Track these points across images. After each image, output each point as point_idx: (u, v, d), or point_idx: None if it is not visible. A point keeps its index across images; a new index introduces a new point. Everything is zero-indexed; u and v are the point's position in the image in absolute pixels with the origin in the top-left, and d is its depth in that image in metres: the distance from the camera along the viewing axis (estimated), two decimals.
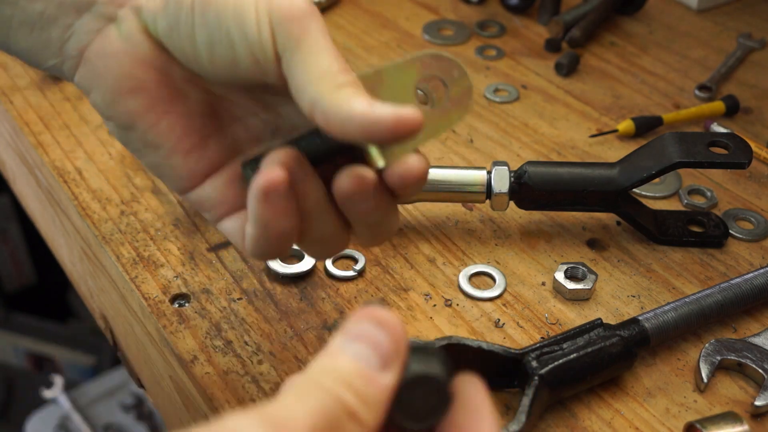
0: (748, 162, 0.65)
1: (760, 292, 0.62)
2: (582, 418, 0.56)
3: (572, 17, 0.97)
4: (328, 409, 0.33)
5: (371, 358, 0.35)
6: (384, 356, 0.35)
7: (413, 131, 0.43)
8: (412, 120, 0.43)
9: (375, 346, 0.35)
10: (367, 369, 0.34)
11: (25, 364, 1.79)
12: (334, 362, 0.34)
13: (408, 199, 0.48)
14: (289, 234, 0.47)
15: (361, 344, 0.35)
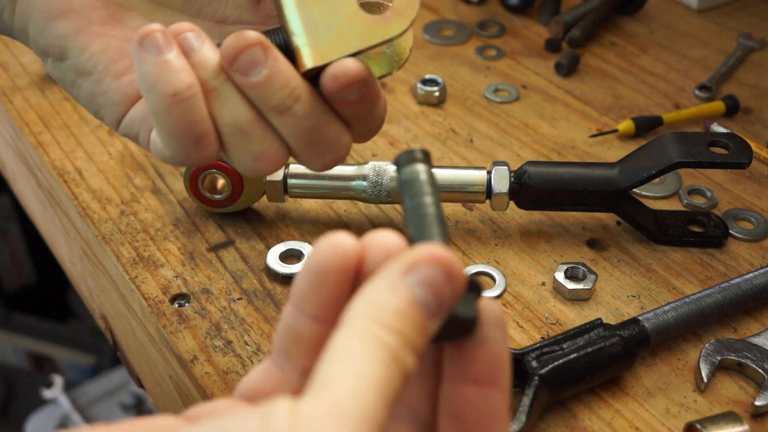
0: (748, 162, 0.65)
1: (760, 292, 0.62)
2: (582, 418, 0.56)
3: (572, 17, 0.97)
4: (392, 384, 0.31)
5: (433, 308, 0.32)
6: (441, 308, 0.33)
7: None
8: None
9: (440, 298, 0.33)
10: (427, 319, 0.32)
11: (25, 364, 1.79)
12: (399, 306, 0.32)
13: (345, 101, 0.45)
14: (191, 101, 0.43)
15: (429, 291, 0.32)
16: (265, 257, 0.66)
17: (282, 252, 0.66)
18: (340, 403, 0.29)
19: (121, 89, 0.48)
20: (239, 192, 0.68)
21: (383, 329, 0.31)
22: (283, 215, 0.71)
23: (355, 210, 0.72)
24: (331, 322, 0.35)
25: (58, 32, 0.48)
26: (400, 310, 0.32)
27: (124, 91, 0.48)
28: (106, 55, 0.48)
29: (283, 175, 0.68)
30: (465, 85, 0.89)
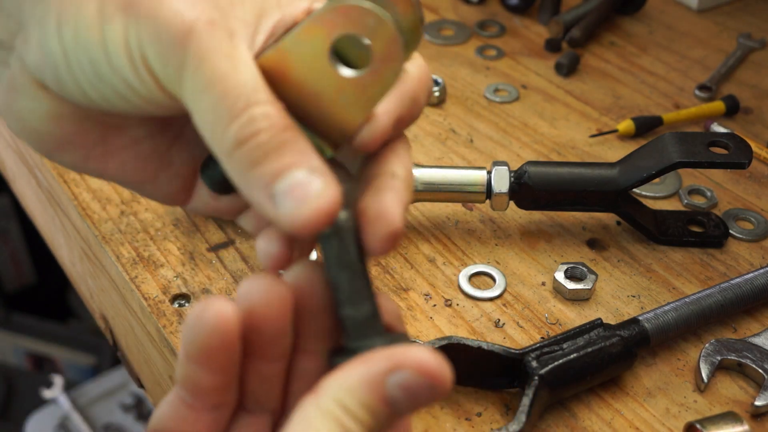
0: (748, 162, 0.65)
1: (760, 292, 0.62)
2: (582, 418, 0.56)
3: (572, 17, 0.97)
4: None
5: (403, 409, 0.33)
6: (412, 409, 0.34)
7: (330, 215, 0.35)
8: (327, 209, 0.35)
9: (415, 404, 0.33)
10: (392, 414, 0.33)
11: (25, 364, 1.79)
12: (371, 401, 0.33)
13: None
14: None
15: (405, 396, 0.33)
16: None
17: None
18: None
19: (163, 189, 0.45)
20: None
21: (350, 419, 0.32)
22: None
23: None
24: (227, 373, 0.36)
25: (66, 162, 0.44)
26: (371, 406, 0.33)
27: (168, 191, 0.45)
28: (127, 170, 0.44)
29: None
30: (465, 85, 0.89)
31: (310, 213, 0.34)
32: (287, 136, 0.35)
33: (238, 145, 0.35)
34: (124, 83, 0.38)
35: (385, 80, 0.37)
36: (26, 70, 0.41)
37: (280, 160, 0.35)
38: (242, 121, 0.35)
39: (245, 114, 0.35)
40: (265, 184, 0.35)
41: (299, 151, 0.35)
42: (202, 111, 0.36)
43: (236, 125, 0.35)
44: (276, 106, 0.36)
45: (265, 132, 0.35)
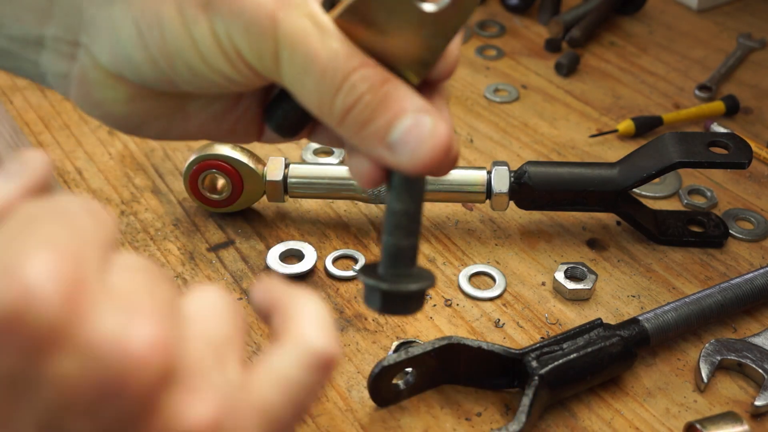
0: (748, 162, 0.65)
1: (760, 292, 0.62)
2: (582, 418, 0.56)
3: (572, 17, 0.97)
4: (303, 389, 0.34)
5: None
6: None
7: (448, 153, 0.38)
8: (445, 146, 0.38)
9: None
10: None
11: None
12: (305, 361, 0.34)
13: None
14: None
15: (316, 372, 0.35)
16: (265, 257, 0.66)
17: (282, 252, 0.66)
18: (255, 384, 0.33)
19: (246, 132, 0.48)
20: (239, 192, 0.68)
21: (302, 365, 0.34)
22: (283, 215, 0.71)
23: (355, 210, 0.72)
24: None
25: (151, 135, 0.46)
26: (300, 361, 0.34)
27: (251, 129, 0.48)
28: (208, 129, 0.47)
29: (283, 175, 0.68)
30: (465, 85, 0.89)
31: (427, 152, 0.37)
32: (387, 88, 0.38)
33: (346, 113, 0.38)
34: (221, 76, 0.40)
35: (466, 8, 0.38)
36: (101, 67, 0.42)
37: (387, 112, 0.38)
38: (344, 92, 0.38)
39: (345, 85, 0.37)
40: (380, 139, 0.38)
41: (401, 98, 0.38)
42: (305, 92, 0.38)
43: (340, 98, 0.38)
44: (369, 64, 0.38)
45: (367, 93, 0.38)
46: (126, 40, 0.41)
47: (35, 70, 0.46)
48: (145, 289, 0.30)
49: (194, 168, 0.67)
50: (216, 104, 0.46)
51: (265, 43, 0.38)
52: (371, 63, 0.38)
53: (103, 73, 0.43)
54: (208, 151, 0.67)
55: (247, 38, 0.38)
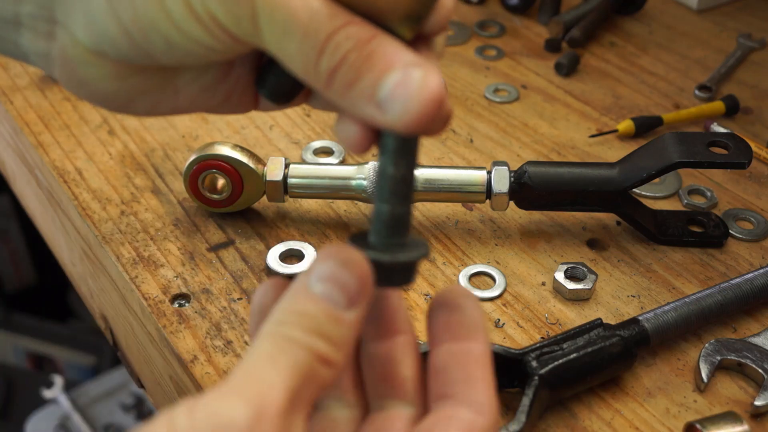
0: (748, 162, 0.65)
1: (760, 292, 0.62)
2: (582, 418, 0.56)
3: (572, 17, 0.97)
4: (302, 364, 0.33)
5: (338, 298, 0.35)
6: (350, 295, 0.35)
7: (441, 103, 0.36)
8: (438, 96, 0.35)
9: (341, 285, 0.35)
10: (335, 309, 0.34)
11: (25, 364, 1.79)
12: (301, 306, 0.34)
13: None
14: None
15: (327, 284, 0.35)
16: (265, 257, 0.66)
17: (282, 252, 0.66)
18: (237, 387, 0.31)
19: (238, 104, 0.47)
20: (239, 192, 0.68)
21: (287, 327, 0.33)
22: (283, 215, 0.71)
23: (355, 210, 0.72)
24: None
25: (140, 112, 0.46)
26: (301, 308, 0.34)
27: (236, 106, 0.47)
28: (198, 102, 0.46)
29: (283, 175, 0.68)
30: (465, 85, 0.89)
31: (419, 106, 0.35)
32: (374, 45, 0.36)
33: (332, 75, 0.36)
34: (199, 45, 0.39)
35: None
36: (80, 44, 0.41)
37: (374, 69, 0.35)
38: (329, 52, 0.36)
39: (329, 45, 0.36)
40: (369, 97, 0.36)
41: (389, 53, 0.36)
42: (289, 56, 0.37)
43: (325, 59, 0.36)
44: (354, 22, 0.36)
45: (353, 52, 0.36)
46: (98, 14, 0.39)
47: (17, 50, 0.44)
48: None
49: (194, 168, 0.67)
50: (206, 76, 0.44)
51: (241, 6, 0.36)
52: (356, 20, 0.36)
53: (83, 50, 0.41)
54: (208, 151, 0.67)
55: (221, 2, 0.36)
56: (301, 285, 0.35)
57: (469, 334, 0.38)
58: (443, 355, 0.38)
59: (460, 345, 0.37)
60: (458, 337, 0.37)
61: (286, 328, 0.34)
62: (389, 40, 0.36)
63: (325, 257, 0.35)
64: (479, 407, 0.36)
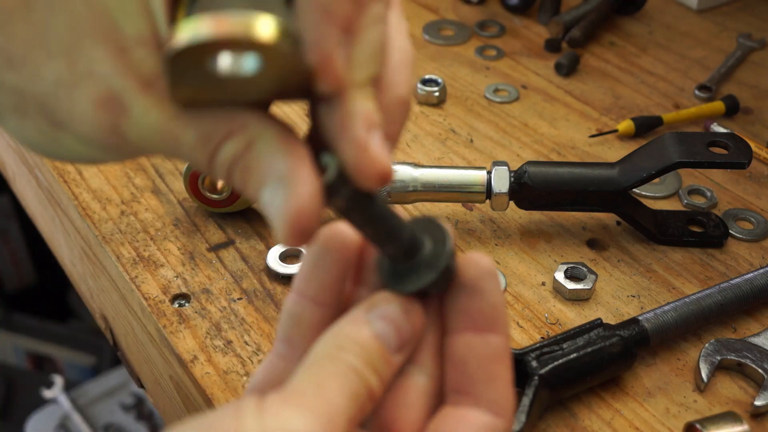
0: (747, 162, 0.65)
1: (760, 292, 0.62)
2: (582, 418, 0.56)
3: (572, 17, 0.97)
4: (360, 396, 0.34)
5: (392, 341, 0.36)
6: (402, 341, 0.37)
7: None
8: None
9: (398, 330, 0.36)
10: (387, 351, 0.36)
11: (25, 364, 1.79)
12: (359, 335, 0.36)
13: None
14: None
15: (387, 325, 0.36)
16: (265, 257, 0.66)
17: (282, 252, 0.66)
18: (308, 403, 0.33)
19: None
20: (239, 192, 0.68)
21: (349, 355, 0.35)
22: None
23: None
24: (331, 305, 0.39)
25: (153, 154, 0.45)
26: (361, 340, 0.36)
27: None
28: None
29: None
30: (465, 85, 0.89)
31: (285, 226, 0.34)
32: (247, 159, 0.35)
33: (229, 183, 0.36)
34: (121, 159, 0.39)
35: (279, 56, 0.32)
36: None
37: (251, 187, 0.35)
38: (217, 171, 0.36)
39: (214, 166, 0.35)
40: (259, 204, 0.36)
41: (261, 167, 0.35)
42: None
43: (219, 177, 0.36)
44: (229, 135, 0.35)
45: (234, 169, 0.35)
46: (21, 142, 0.39)
47: None
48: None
49: (194, 168, 0.67)
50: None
51: (126, 150, 0.37)
52: (232, 130, 0.35)
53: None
54: None
55: (109, 148, 0.36)
56: (362, 317, 0.37)
57: (489, 325, 0.37)
58: (462, 347, 0.37)
59: (480, 337, 0.37)
60: (478, 327, 0.37)
61: (350, 357, 0.35)
62: (265, 145, 0.35)
63: (387, 298, 0.37)
64: (499, 409, 0.37)
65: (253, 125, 0.35)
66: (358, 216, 0.37)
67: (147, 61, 0.34)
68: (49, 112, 0.36)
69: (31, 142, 0.38)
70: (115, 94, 0.34)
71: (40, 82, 0.35)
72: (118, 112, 0.35)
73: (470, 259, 0.38)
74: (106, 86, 0.34)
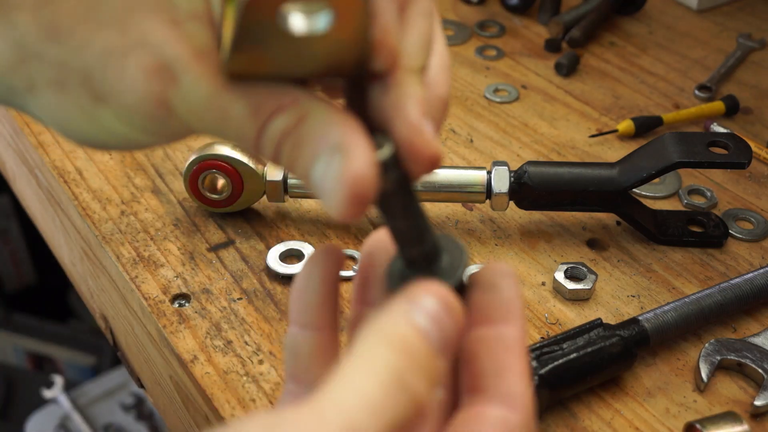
0: (747, 162, 0.65)
1: (760, 292, 0.62)
2: (582, 418, 0.56)
3: (572, 17, 0.97)
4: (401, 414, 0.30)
5: (436, 340, 0.33)
6: (445, 342, 0.33)
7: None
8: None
9: (441, 329, 0.33)
10: (432, 350, 0.32)
11: (25, 364, 1.79)
12: (402, 328, 0.32)
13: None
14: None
15: (430, 322, 0.33)
16: (265, 257, 0.66)
17: (282, 252, 0.66)
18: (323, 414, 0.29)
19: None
20: (239, 192, 0.68)
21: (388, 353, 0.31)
22: (283, 215, 0.71)
23: None
24: (326, 329, 0.37)
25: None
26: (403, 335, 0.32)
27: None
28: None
29: (283, 175, 0.68)
30: (465, 85, 0.89)
31: (341, 196, 0.32)
32: (301, 130, 0.34)
33: (276, 160, 0.35)
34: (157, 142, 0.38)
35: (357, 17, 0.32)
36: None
37: (303, 159, 0.34)
38: (264, 147, 0.35)
39: (262, 142, 0.35)
40: (308, 183, 0.34)
41: (315, 137, 0.34)
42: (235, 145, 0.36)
43: (264, 151, 0.35)
44: (280, 108, 0.34)
45: (283, 143, 0.34)
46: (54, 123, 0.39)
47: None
48: None
49: (194, 168, 0.67)
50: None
51: (172, 122, 0.35)
52: (282, 104, 0.34)
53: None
54: (208, 151, 0.67)
55: (152, 123, 0.36)
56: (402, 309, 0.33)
57: (502, 317, 0.36)
58: (474, 342, 0.35)
59: (492, 330, 0.35)
60: (490, 321, 0.36)
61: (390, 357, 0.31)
62: (317, 117, 0.34)
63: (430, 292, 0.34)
64: (511, 401, 0.34)
65: (305, 99, 0.34)
66: (399, 204, 0.36)
67: (200, 34, 0.34)
68: (93, 84, 0.35)
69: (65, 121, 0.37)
70: (166, 63, 0.34)
71: (87, 53, 0.35)
72: (168, 81, 0.34)
73: (489, 265, 0.37)
74: (158, 55, 0.34)
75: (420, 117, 0.34)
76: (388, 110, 0.35)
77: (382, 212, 0.36)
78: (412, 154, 0.34)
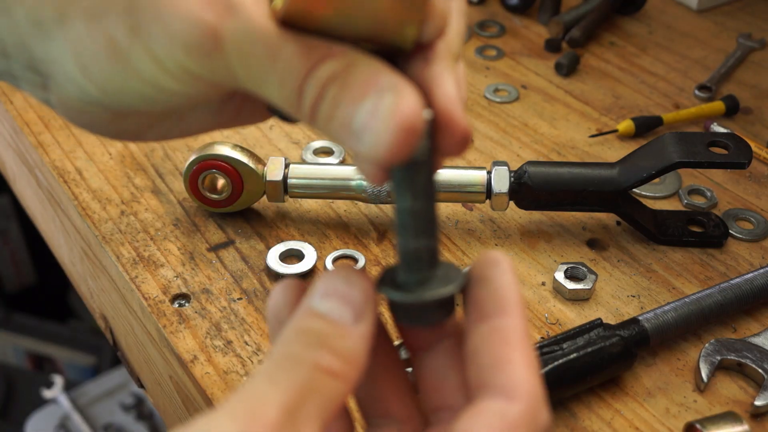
0: (747, 162, 0.65)
1: (760, 292, 0.62)
2: (582, 418, 0.56)
3: (572, 17, 0.97)
4: (301, 378, 0.32)
5: (344, 312, 0.34)
6: (356, 309, 0.34)
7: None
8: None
9: (345, 300, 0.34)
10: (341, 324, 0.34)
11: (25, 364, 1.79)
12: (304, 323, 0.34)
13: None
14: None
15: (331, 300, 0.34)
16: (265, 257, 0.66)
17: (282, 252, 0.66)
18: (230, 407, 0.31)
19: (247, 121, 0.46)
20: (239, 192, 0.68)
21: (288, 345, 0.33)
22: (283, 215, 0.71)
23: (355, 210, 0.72)
24: None
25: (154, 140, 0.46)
26: (304, 326, 0.34)
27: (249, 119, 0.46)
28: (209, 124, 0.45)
29: (283, 175, 0.68)
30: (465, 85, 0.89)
31: (387, 135, 0.33)
32: (349, 74, 0.34)
33: (314, 110, 0.35)
34: (180, 96, 0.38)
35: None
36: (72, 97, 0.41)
37: (348, 100, 0.34)
38: (307, 92, 0.34)
39: (307, 84, 0.34)
40: (346, 128, 0.34)
41: (364, 80, 0.34)
42: (272, 97, 0.36)
43: (305, 98, 0.35)
44: (329, 55, 0.34)
45: (329, 86, 0.34)
46: (74, 77, 0.39)
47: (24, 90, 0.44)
48: None
49: (194, 168, 0.67)
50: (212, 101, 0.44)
51: (214, 61, 0.35)
52: (333, 51, 0.34)
53: (77, 102, 0.41)
54: (208, 151, 0.67)
55: (193, 58, 0.35)
56: (305, 305, 0.35)
57: (497, 310, 0.35)
58: (473, 340, 0.35)
59: (489, 324, 0.35)
60: (486, 315, 0.35)
61: (287, 347, 0.33)
62: (367, 64, 0.34)
63: (326, 276, 0.35)
64: (509, 392, 0.33)
65: (353, 52, 0.35)
66: (422, 179, 0.35)
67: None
68: (138, 10, 0.35)
69: (90, 60, 0.37)
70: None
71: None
72: (223, 12, 0.34)
73: (481, 256, 0.37)
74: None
75: (458, 91, 0.35)
76: (429, 81, 0.35)
77: (402, 185, 0.35)
78: (449, 125, 0.35)
